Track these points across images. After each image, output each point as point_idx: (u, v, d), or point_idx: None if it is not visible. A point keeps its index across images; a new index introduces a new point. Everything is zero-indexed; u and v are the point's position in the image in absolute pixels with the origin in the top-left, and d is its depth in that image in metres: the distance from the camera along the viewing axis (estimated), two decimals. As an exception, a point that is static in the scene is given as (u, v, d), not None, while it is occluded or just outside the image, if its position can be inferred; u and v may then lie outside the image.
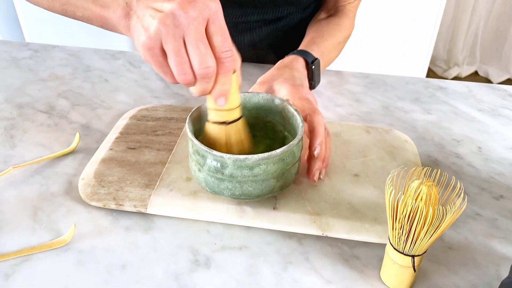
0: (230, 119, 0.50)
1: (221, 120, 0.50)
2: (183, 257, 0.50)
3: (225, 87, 0.46)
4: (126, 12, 0.48)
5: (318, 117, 0.55)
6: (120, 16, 0.48)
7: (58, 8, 0.55)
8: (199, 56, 0.43)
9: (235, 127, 0.51)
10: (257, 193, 0.51)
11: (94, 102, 0.76)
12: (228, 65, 0.45)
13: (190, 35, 0.42)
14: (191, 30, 0.42)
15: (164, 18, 0.42)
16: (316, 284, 0.47)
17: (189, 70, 0.44)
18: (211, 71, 0.44)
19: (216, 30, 0.43)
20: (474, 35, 2.66)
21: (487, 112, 0.78)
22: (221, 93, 0.47)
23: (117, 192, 0.55)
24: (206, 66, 0.43)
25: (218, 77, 0.45)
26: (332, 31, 0.76)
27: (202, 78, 0.44)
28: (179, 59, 0.43)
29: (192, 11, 0.42)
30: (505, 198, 0.59)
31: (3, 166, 0.61)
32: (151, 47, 0.43)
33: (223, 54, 0.44)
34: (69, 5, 0.54)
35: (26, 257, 0.49)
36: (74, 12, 0.54)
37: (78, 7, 0.53)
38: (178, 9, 0.41)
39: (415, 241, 0.42)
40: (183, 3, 0.42)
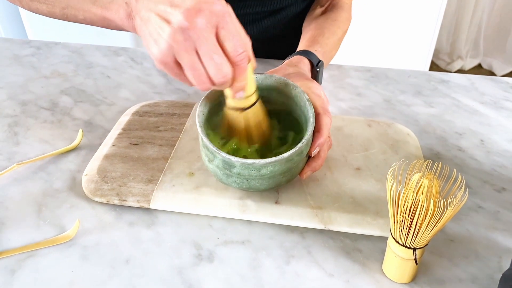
0: (247, 105, 0.51)
1: (239, 107, 0.51)
2: (186, 251, 0.50)
3: (242, 83, 0.47)
4: (127, 13, 0.48)
5: (326, 118, 0.54)
6: (123, 17, 0.48)
7: (59, 13, 0.55)
8: (215, 67, 0.43)
9: (252, 112, 0.51)
10: (263, 188, 0.51)
11: (97, 99, 0.77)
12: (244, 66, 0.45)
13: (203, 47, 0.42)
14: (202, 42, 0.42)
15: (173, 34, 0.41)
16: (318, 278, 0.47)
17: (207, 80, 0.44)
18: (228, 78, 0.44)
19: (227, 34, 0.43)
20: (478, 27, 2.64)
21: (490, 105, 0.78)
22: (239, 89, 0.47)
23: (120, 188, 0.56)
24: (223, 75, 0.44)
25: (235, 77, 0.46)
26: (331, 28, 0.75)
27: (221, 84, 0.45)
28: (195, 71, 0.43)
29: (200, 21, 0.41)
30: (507, 190, 0.59)
31: (7, 163, 0.61)
32: (165, 62, 0.43)
33: (237, 58, 0.44)
34: (69, 9, 0.54)
35: (31, 252, 0.49)
36: (76, 16, 0.54)
37: (79, 10, 0.53)
38: (186, 21, 0.41)
39: (417, 234, 0.42)
40: (189, 13, 0.41)
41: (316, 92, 0.58)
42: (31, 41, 0.96)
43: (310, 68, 0.67)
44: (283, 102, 0.57)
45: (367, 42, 2.02)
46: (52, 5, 0.55)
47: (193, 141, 0.63)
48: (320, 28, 0.75)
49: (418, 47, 2.06)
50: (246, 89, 0.48)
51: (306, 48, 0.69)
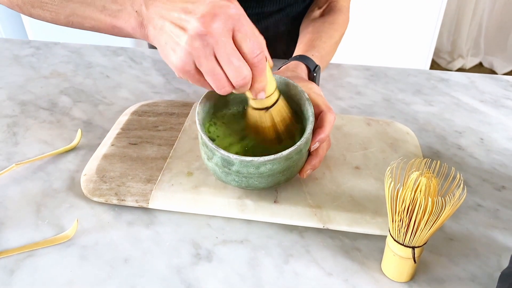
0: (270, 103, 0.51)
1: (263, 107, 0.51)
2: (185, 251, 0.50)
3: (262, 84, 0.47)
4: (139, 22, 0.47)
5: (330, 115, 0.54)
6: (134, 26, 0.47)
7: (63, 21, 0.54)
8: (234, 70, 0.43)
9: (276, 110, 0.52)
10: (262, 186, 0.51)
11: (96, 99, 0.77)
12: (262, 67, 0.45)
13: (221, 52, 0.42)
14: (220, 46, 0.42)
15: (191, 41, 0.41)
16: (317, 277, 0.47)
17: (227, 83, 0.44)
18: (248, 80, 0.45)
19: (244, 37, 0.43)
20: (478, 26, 2.63)
21: (489, 103, 0.78)
22: (260, 90, 0.47)
23: (119, 188, 0.56)
24: (243, 77, 0.44)
25: (255, 78, 0.46)
26: (329, 31, 0.75)
27: (241, 86, 0.45)
28: (215, 76, 0.44)
29: (216, 26, 0.41)
30: (507, 189, 0.59)
31: (6, 163, 0.62)
32: (185, 70, 0.44)
33: (255, 60, 0.44)
34: (75, 16, 0.52)
35: (29, 252, 0.49)
36: (82, 24, 0.52)
37: (85, 18, 0.51)
38: (202, 28, 0.41)
39: (415, 232, 0.42)
40: (205, 19, 0.41)
41: (317, 92, 0.58)
42: (31, 41, 0.96)
43: (307, 73, 0.67)
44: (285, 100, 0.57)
45: (367, 41, 2.02)
46: (56, 13, 0.53)
47: (192, 141, 0.63)
48: (317, 32, 0.74)
49: (419, 46, 2.06)
50: (267, 89, 0.48)
51: (303, 53, 0.69)
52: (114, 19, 0.49)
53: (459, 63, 2.70)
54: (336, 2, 0.81)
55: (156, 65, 0.88)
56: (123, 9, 0.48)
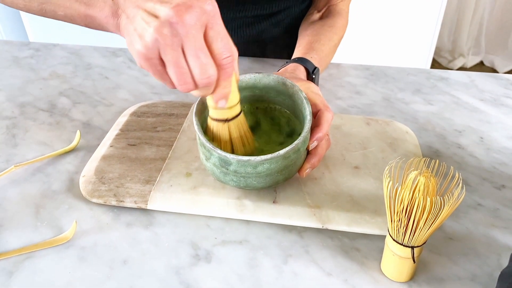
0: (231, 116, 0.50)
1: (223, 118, 0.50)
2: (184, 251, 0.50)
3: (226, 90, 0.46)
4: (114, 11, 0.46)
5: (328, 114, 0.54)
6: (108, 15, 0.46)
7: (36, 8, 0.52)
8: (200, 66, 0.41)
9: (236, 123, 0.51)
10: (261, 186, 0.51)
11: (95, 100, 0.77)
12: (229, 70, 0.44)
13: (189, 44, 0.40)
14: (190, 39, 0.40)
15: (160, 27, 0.39)
16: (316, 277, 0.47)
17: (190, 80, 0.42)
18: (212, 80, 0.43)
19: (215, 35, 0.42)
20: (479, 24, 2.63)
21: (489, 102, 0.78)
22: (222, 96, 0.46)
23: (117, 189, 0.56)
24: (208, 76, 0.42)
25: (219, 82, 0.44)
26: (328, 34, 0.75)
27: (204, 86, 0.43)
28: (179, 69, 0.41)
29: (189, 18, 0.39)
30: (507, 188, 0.59)
31: (5, 165, 0.62)
32: (148, 57, 0.41)
33: (224, 61, 0.43)
34: (48, 4, 0.51)
35: (28, 254, 0.49)
36: (55, 11, 0.51)
37: (59, 6, 0.50)
38: (175, 16, 0.39)
39: (414, 232, 0.42)
40: (179, 9, 0.39)
41: (315, 91, 0.57)
42: (30, 43, 0.97)
43: (306, 75, 0.67)
44: (281, 100, 0.57)
45: (367, 40, 2.02)
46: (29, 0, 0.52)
47: (190, 141, 0.63)
48: (316, 35, 0.74)
49: (419, 45, 2.05)
50: (229, 98, 0.47)
51: (302, 55, 0.69)
52: (88, 8, 0.48)
53: (460, 62, 2.70)
54: (336, 5, 0.80)
55: (155, 66, 0.88)
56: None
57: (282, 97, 0.57)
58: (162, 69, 0.43)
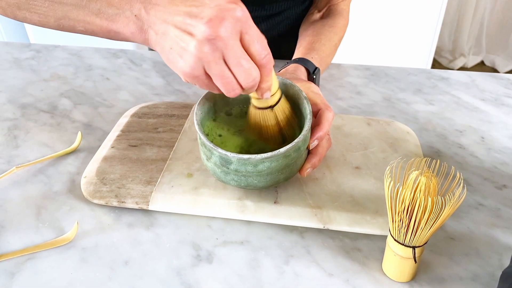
0: (274, 102, 0.51)
1: (267, 106, 0.51)
2: (185, 252, 0.50)
3: (269, 83, 0.47)
4: (139, 27, 0.45)
5: (328, 113, 0.54)
6: (134, 31, 0.46)
7: (53, 24, 0.51)
8: (244, 73, 0.43)
9: (280, 107, 0.52)
10: (262, 185, 0.51)
11: (96, 101, 0.77)
12: (270, 67, 0.45)
13: (230, 55, 0.42)
14: (229, 50, 0.41)
15: (200, 46, 0.41)
16: (317, 277, 0.47)
17: (237, 86, 0.44)
18: (257, 81, 0.45)
19: (251, 39, 0.43)
20: (480, 24, 2.63)
21: (490, 102, 0.78)
22: (266, 89, 0.47)
23: (119, 190, 0.56)
24: (253, 79, 0.44)
25: (262, 78, 0.46)
26: (328, 34, 0.75)
27: (250, 88, 0.45)
28: (225, 80, 0.43)
29: (225, 30, 0.40)
30: (508, 187, 0.59)
31: (6, 166, 0.62)
32: (194, 76, 0.43)
33: (263, 61, 0.44)
34: (66, 19, 0.50)
35: (30, 255, 0.49)
36: (74, 27, 0.50)
37: (78, 21, 0.49)
38: (211, 33, 0.40)
39: (415, 232, 0.42)
40: (213, 23, 0.40)
41: (315, 91, 0.58)
42: (31, 44, 0.97)
43: (307, 75, 0.67)
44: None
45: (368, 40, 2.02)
46: (46, 15, 0.50)
47: (191, 142, 0.63)
48: (317, 35, 0.74)
49: (420, 44, 2.05)
50: (272, 88, 0.48)
51: (303, 55, 0.69)
52: (111, 23, 0.47)
53: (461, 61, 2.70)
54: (336, 5, 0.80)
55: (156, 67, 0.88)
56: (121, 13, 0.46)
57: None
58: (209, 82, 0.44)
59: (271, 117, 0.52)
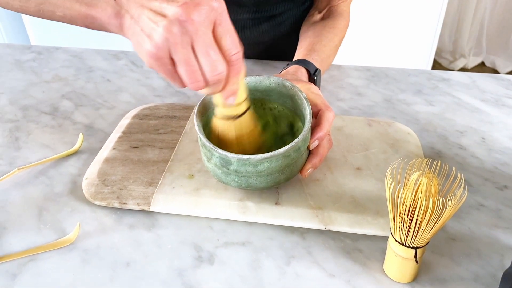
0: (239, 112, 0.50)
1: (231, 115, 0.50)
2: (187, 253, 0.50)
3: (235, 86, 0.46)
4: (116, 11, 0.45)
5: (328, 113, 0.54)
6: (110, 15, 0.45)
7: (33, 9, 0.51)
8: (211, 64, 0.41)
9: (244, 120, 0.51)
10: (262, 186, 0.51)
11: (97, 103, 0.77)
12: (238, 67, 0.44)
13: (199, 42, 0.40)
14: (199, 36, 0.40)
15: (169, 26, 0.39)
16: (319, 278, 0.47)
17: (201, 77, 0.42)
18: (223, 76, 0.43)
19: (224, 32, 0.42)
20: (480, 25, 2.63)
21: (491, 103, 0.78)
22: (231, 92, 0.46)
23: (120, 191, 0.56)
24: (218, 72, 0.42)
25: (229, 78, 0.44)
26: (329, 35, 0.75)
27: (214, 83, 0.44)
28: (190, 67, 0.41)
29: (198, 15, 0.39)
30: (509, 188, 0.59)
31: (8, 168, 0.62)
32: (158, 57, 0.41)
33: (233, 57, 0.43)
34: (46, 4, 0.49)
35: (32, 256, 0.49)
36: (53, 12, 0.50)
37: (58, 6, 0.49)
38: (184, 14, 0.39)
39: (417, 233, 0.42)
40: (187, 6, 0.39)
41: (315, 92, 0.58)
42: (32, 46, 0.97)
43: (308, 76, 0.67)
44: (282, 102, 0.58)
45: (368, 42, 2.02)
46: (26, 0, 0.50)
47: (193, 143, 0.63)
48: (317, 36, 0.74)
49: (420, 46, 2.05)
50: (238, 94, 0.47)
51: (303, 57, 0.69)
52: (89, 8, 0.47)
53: (461, 62, 2.70)
54: (337, 6, 0.81)
55: (157, 68, 0.88)
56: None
57: (283, 98, 0.57)
58: (172, 68, 0.42)
59: (231, 129, 0.50)
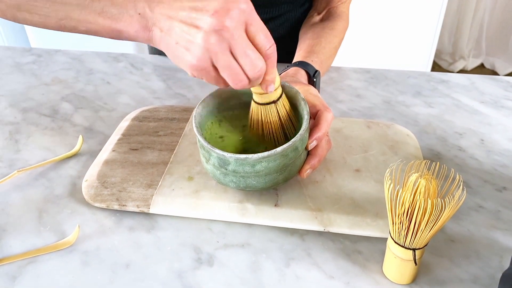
0: (276, 97, 0.51)
1: (270, 101, 0.51)
2: (186, 255, 0.50)
3: (273, 76, 0.48)
4: (143, 25, 0.45)
5: (327, 114, 0.55)
6: (137, 29, 0.46)
7: (54, 25, 0.50)
8: (251, 63, 0.44)
9: (282, 102, 0.52)
10: (261, 186, 0.51)
11: (97, 105, 0.77)
12: (274, 58, 0.46)
13: (237, 46, 0.42)
14: (236, 40, 0.42)
15: (207, 38, 0.41)
16: (318, 280, 0.47)
17: (244, 77, 0.44)
18: (263, 71, 0.45)
19: (257, 30, 0.44)
20: (479, 26, 2.63)
21: (490, 104, 0.78)
22: (271, 81, 0.48)
23: (120, 193, 0.56)
24: (259, 69, 0.44)
25: (267, 70, 0.46)
26: (328, 37, 0.75)
27: (256, 79, 0.45)
28: (232, 71, 0.44)
29: (230, 21, 0.41)
30: (508, 189, 0.59)
31: (8, 170, 0.62)
32: (202, 68, 0.43)
33: (268, 51, 0.45)
34: (68, 20, 0.49)
35: (31, 259, 0.50)
36: (75, 27, 0.49)
37: (80, 22, 0.48)
38: (218, 24, 0.41)
39: (415, 234, 0.42)
40: (219, 15, 0.41)
41: (314, 93, 0.58)
42: (32, 48, 0.97)
43: (307, 78, 0.67)
44: None
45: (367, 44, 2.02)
46: (46, 16, 0.49)
47: (192, 145, 0.64)
48: (317, 37, 0.75)
49: (420, 47, 2.06)
50: (275, 81, 0.49)
51: (303, 59, 0.69)
52: (114, 22, 0.46)
53: (461, 64, 2.70)
54: (336, 7, 0.81)
55: (157, 70, 0.88)
56: (124, 12, 0.46)
57: None
58: (216, 74, 0.45)
59: (273, 112, 0.52)
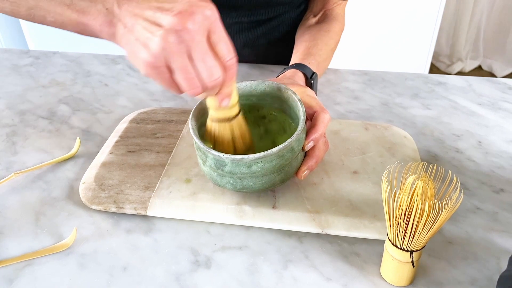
0: (232, 114, 0.51)
1: (225, 117, 0.50)
2: (184, 257, 0.50)
3: (229, 89, 0.47)
4: (109, 20, 0.45)
5: (324, 115, 0.54)
6: (102, 23, 0.46)
7: (24, 13, 0.51)
8: (208, 70, 0.43)
9: (237, 122, 0.52)
10: (258, 187, 0.51)
11: (95, 107, 0.77)
12: (233, 71, 0.45)
13: (196, 50, 0.41)
14: (195, 44, 0.41)
15: (166, 36, 0.40)
16: (316, 282, 0.47)
17: (198, 84, 0.43)
18: (220, 81, 0.44)
19: (218, 39, 0.43)
20: (477, 28, 2.64)
21: (487, 106, 0.78)
22: (226, 95, 0.47)
23: (117, 195, 0.56)
24: (216, 78, 0.43)
25: (224, 82, 0.46)
26: (325, 38, 0.75)
27: (211, 88, 0.45)
28: (187, 75, 0.42)
29: (192, 24, 0.40)
30: (506, 191, 0.59)
31: (5, 173, 0.62)
32: (156, 66, 0.42)
33: (228, 63, 0.44)
34: (37, 9, 0.49)
35: (28, 261, 0.49)
36: (44, 17, 0.50)
37: (49, 12, 0.49)
38: (179, 23, 0.40)
39: (413, 236, 0.42)
40: (182, 16, 0.40)
41: (310, 95, 0.58)
42: (30, 51, 0.97)
43: (305, 80, 0.67)
44: (277, 106, 0.58)
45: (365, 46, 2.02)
46: (17, 4, 0.50)
47: (190, 148, 0.64)
48: (313, 39, 0.75)
49: (418, 49, 2.06)
50: (232, 96, 0.48)
51: (300, 61, 0.70)
52: (81, 15, 0.47)
53: (458, 66, 2.71)
54: (332, 9, 0.81)
55: (155, 72, 0.88)
56: (92, 6, 0.46)
57: (278, 102, 0.57)
58: (169, 76, 0.43)
59: (226, 130, 0.51)
